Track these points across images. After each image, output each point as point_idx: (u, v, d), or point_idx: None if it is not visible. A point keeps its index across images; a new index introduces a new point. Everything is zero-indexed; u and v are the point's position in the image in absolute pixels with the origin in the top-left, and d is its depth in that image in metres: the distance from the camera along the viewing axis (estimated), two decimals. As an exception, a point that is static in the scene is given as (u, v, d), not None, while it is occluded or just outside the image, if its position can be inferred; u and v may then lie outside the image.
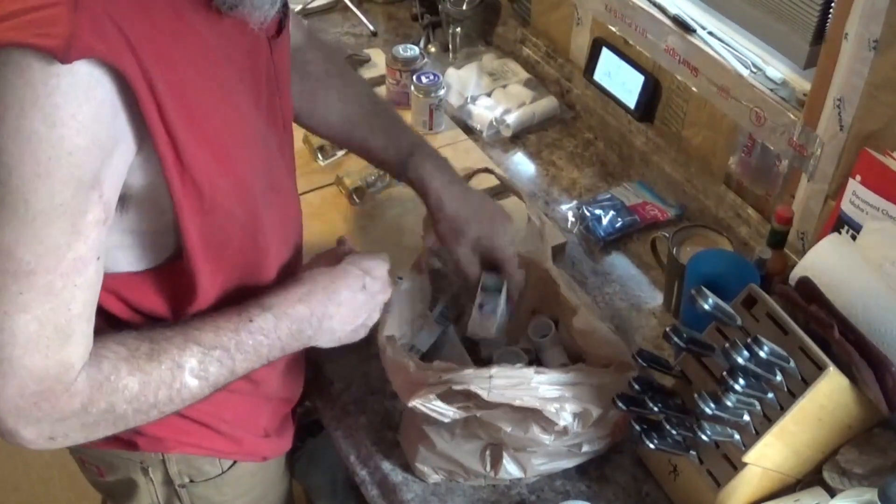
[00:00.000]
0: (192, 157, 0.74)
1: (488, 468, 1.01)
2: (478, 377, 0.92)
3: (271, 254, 0.90)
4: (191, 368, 0.80)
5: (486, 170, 1.23)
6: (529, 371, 0.94)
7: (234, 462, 1.04)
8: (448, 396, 0.93)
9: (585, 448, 1.01)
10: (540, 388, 0.93)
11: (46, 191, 0.66)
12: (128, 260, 0.81)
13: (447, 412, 0.93)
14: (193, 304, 0.85)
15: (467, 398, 0.94)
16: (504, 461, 1.00)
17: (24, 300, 0.69)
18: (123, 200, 0.75)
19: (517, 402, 0.92)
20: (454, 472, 1.02)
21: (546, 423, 0.94)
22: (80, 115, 0.65)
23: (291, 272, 0.96)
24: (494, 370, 0.92)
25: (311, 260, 1.01)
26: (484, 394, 0.92)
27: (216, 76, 0.77)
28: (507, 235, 1.09)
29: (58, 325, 0.71)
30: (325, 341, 0.94)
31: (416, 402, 0.93)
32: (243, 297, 0.87)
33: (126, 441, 0.95)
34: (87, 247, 0.71)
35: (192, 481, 1.02)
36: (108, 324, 0.82)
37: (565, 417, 0.94)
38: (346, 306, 0.93)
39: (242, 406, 1.01)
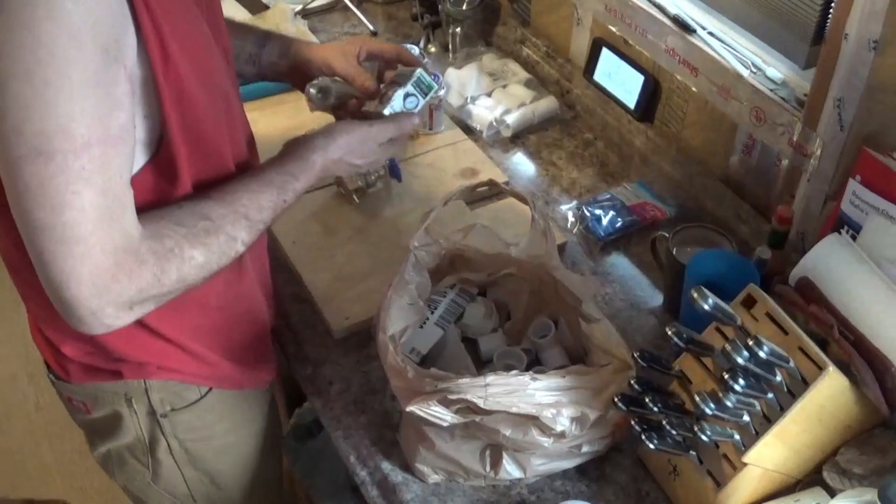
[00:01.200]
0: (171, 49, 0.80)
1: (488, 468, 1.01)
2: (473, 386, 0.93)
3: (229, 146, 0.97)
4: (242, 240, 0.92)
5: (492, 182, 1.23)
6: (525, 378, 0.94)
7: (211, 389, 1.10)
8: (446, 401, 0.93)
9: (585, 449, 1.01)
10: (536, 394, 0.94)
11: (83, 60, 0.71)
12: None
13: (445, 416, 0.93)
14: (175, 192, 0.90)
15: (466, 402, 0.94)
16: (504, 461, 1.00)
17: (86, 174, 0.74)
18: None
19: (514, 410, 0.93)
20: (454, 472, 1.02)
21: (544, 427, 0.94)
22: None
23: (247, 166, 1.03)
24: (490, 378, 0.93)
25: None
26: (480, 402, 0.92)
27: None
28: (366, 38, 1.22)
29: (116, 195, 0.77)
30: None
31: (414, 408, 0.93)
32: (212, 185, 0.95)
33: (111, 371, 1.03)
34: (125, 116, 0.77)
35: (173, 409, 1.08)
36: None
37: (562, 422, 0.94)
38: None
39: (217, 328, 1.07)
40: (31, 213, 0.74)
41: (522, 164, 1.54)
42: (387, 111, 1.12)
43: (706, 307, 0.90)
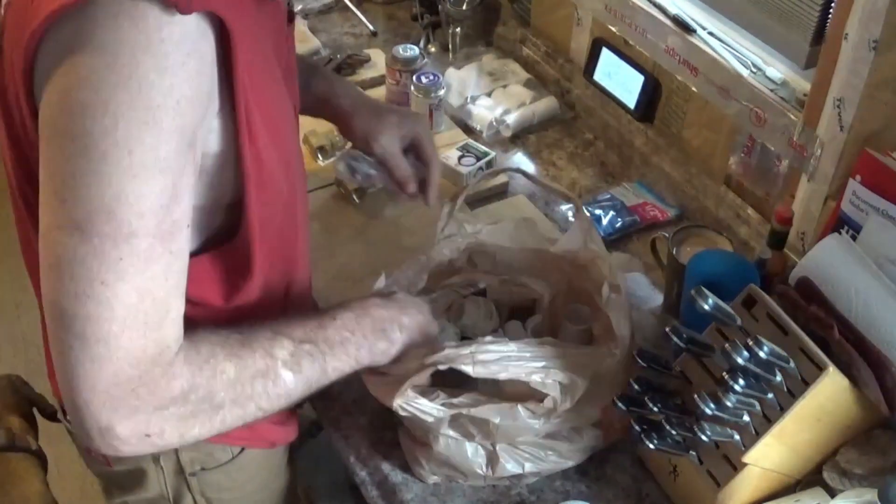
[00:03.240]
0: (256, 126, 0.72)
1: (486, 468, 1.01)
2: (460, 355, 0.92)
3: (301, 239, 0.90)
4: (283, 360, 0.79)
5: (520, 171, 1.23)
6: (512, 345, 0.93)
7: (243, 448, 1.04)
8: (430, 394, 0.93)
9: (582, 443, 1.01)
10: (523, 359, 0.93)
11: (152, 142, 0.63)
12: None
13: (431, 411, 0.93)
14: (245, 288, 0.82)
15: (450, 396, 0.94)
16: (501, 460, 1.00)
17: (123, 267, 0.64)
18: None
19: (503, 376, 0.92)
20: (453, 475, 1.02)
21: (534, 405, 0.94)
22: (190, 64, 0.63)
23: (310, 266, 0.96)
24: (475, 346, 0.92)
25: None
26: (469, 370, 0.92)
27: (266, 53, 0.76)
28: (422, 120, 1.14)
29: (156, 298, 0.67)
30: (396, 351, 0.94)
31: (399, 402, 0.93)
32: (283, 286, 0.87)
33: None
34: (181, 210, 0.68)
35: (203, 469, 1.02)
36: None
37: (552, 388, 0.93)
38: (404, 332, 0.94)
39: None
40: (55, 292, 0.66)
41: (522, 165, 1.54)
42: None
43: (706, 307, 0.90)
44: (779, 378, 0.90)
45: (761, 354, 0.86)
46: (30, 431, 1.15)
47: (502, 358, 0.93)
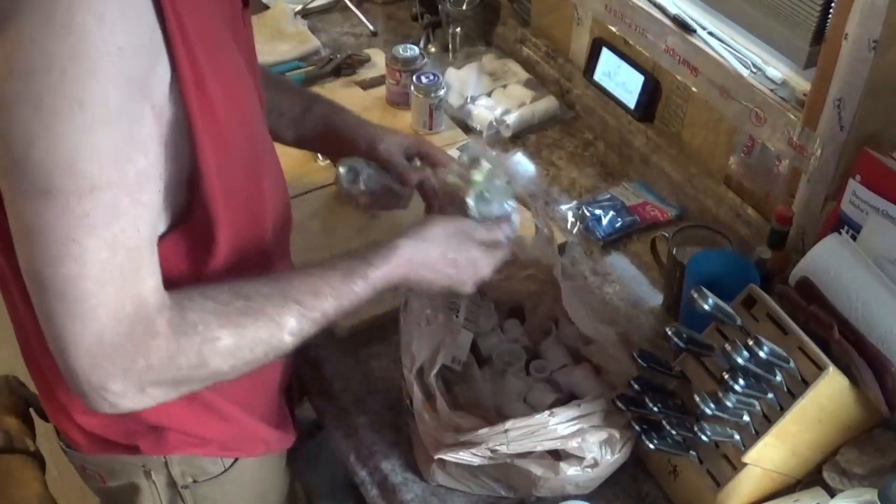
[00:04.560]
0: (210, 84, 0.71)
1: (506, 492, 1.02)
2: (494, 434, 0.93)
3: (268, 207, 0.88)
4: (290, 329, 0.78)
5: None
6: (543, 416, 0.94)
7: (236, 459, 1.03)
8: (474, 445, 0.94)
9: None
10: (558, 428, 0.94)
11: (100, 91, 0.62)
12: None
13: (474, 460, 0.94)
14: (211, 262, 0.81)
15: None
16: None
17: (91, 222, 0.64)
18: None
19: (538, 449, 0.94)
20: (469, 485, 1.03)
21: (575, 458, 0.95)
22: (128, 11, 0.62)
23: (285, 233, 0.94)
24: (509, 423, 0.93)
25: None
26: (503, 448, 0.93)
27: (215, 17, 0.74)
28: (425, 141, 1.15)
29: (129, 251, 0.67)
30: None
31: (441, 456, 0.94)
32: (249, 255, 0.85)
33: (127, 446, 0.95)
34: (147, 161, 0.67)
35: (195, 481, 1.02)
36: None
37: (591, 449, 0.94)
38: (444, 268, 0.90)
39: (239, 389, 0.96)
40: (32, 260, 0.66)
41: (522, 165, 1.54)
42: (471, 202, 0.97)
43: (706, 307, 0.90)
44: (779, 378, 0.90)
45: (761, 354, 0.86)
46: (27, 433, 1.15)
47: (535, 432, 0.93)
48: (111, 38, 0.62)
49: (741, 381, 0.87)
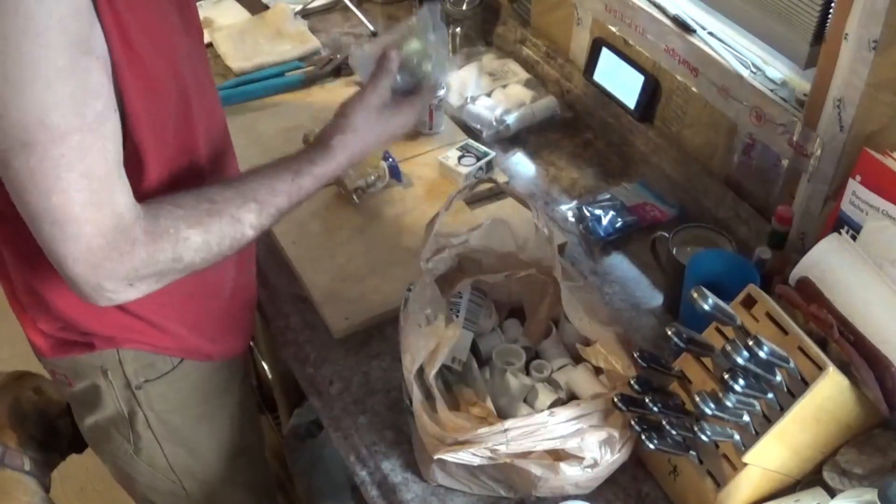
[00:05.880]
0: (134, 35, 0.81)
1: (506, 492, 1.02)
2: (494, 434, 0.93)
3: (199, 136, 0.98)
4: (250, 223, 0.92)
5: (490, 180, 1.23)
6: (543, 416, 0.94)
7: (182, 360, 1.13)
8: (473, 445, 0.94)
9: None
10: (558, 428, 0.94)
11: (51, 56, 0.74)
12: None
13: (474, 459, 0.94)
14: (144, 182, 0.91)
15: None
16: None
17: (67, 161, 0.77)
18: None
19: (538, 449, 0.93)
20: (469, 485, 1.03)
21: (574, 458, 0.95)
22: None
23: (223, 156, 1.06)
24: (509, 423, 0.93)
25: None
26: (503, 448, 0.93)
27: None
28: None
29: (101, 178, 0.80)
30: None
31: (442, 456, 0.94)
32: (181, 176, 0.96)
33: (84, 344, 1.07)
34: (103, 103, 0.79)
35: (146, 381, 1.12)
36: None
37: (590, 449, 0.94)
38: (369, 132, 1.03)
39: (182, 303, 1.08)
40: (26, 201, 0.79)
41: (522, 164, 1.54)
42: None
43: (706, 307, 0.90)
44: (779, 378, 0.90)
45: (761, 354, 0.86)
46: (28, 446, 1.16)
47: (535, 431, 0.94)
48: (51, 10, 0.73)
49: (741, 381, 0.87)
